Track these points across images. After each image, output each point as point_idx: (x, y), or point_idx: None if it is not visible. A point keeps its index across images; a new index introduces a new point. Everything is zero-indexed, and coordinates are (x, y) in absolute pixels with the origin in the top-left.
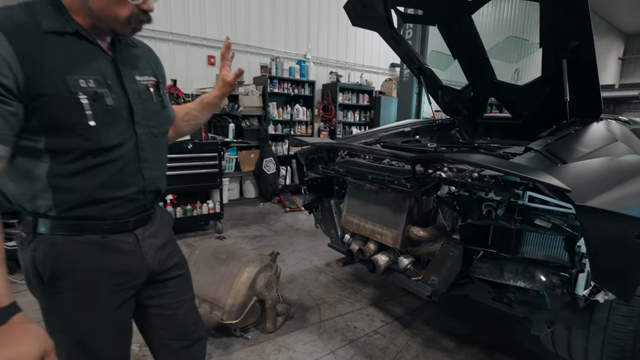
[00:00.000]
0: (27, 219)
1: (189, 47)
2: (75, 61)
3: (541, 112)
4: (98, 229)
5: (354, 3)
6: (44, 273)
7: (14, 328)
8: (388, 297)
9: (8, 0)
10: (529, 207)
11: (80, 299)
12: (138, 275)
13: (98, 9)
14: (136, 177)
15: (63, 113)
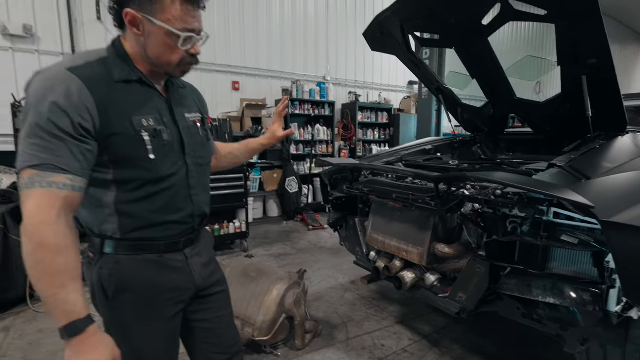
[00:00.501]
0: (95, 241)
1: (215, 74)
2: (138, 104)
3: (564, 128)
4: (155, 249)
5: (373, 30)
6: (108, 289)
7: (89, 338)
8: (414, 315)
9: (89, 56)
10: (555, 223)
11: (139, 312)
12: (187, 290)
13: (154, 57)
14: (186, 202)
15: (129, 149)
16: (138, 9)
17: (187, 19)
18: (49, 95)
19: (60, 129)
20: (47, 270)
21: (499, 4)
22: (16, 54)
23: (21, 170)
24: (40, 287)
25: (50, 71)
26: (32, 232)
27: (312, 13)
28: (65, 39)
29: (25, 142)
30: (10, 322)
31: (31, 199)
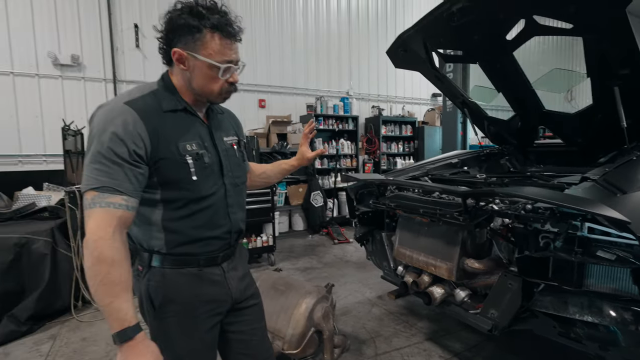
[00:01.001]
0: (144, 255)
1: (242, 94)
2: (183, 130)
3: (598, 139)
4: (196, 263)
5: (396, 48)
6: (155, 300)
7: (138, 344)
8: (444, 332)
9: (143, 89)
10: (590, 238)
11: (181, 322)
12: (224, 303)
13: (198, 88)
14: (225, 219)
15: (175, 171)
16: (184, 48)
17: (225, 51)
18: (109, 127)
19: (119, 155)
20: (103, 281)
21: (523, 19)
22: (65, 81)
23: (84, 192)
24: (97, 296)
25: (110, 105)
26: (92, 246)
27: (335, 30)
28: (108, 66)
29: (89, 168)
30: (57, 330)
31: (92, 218)
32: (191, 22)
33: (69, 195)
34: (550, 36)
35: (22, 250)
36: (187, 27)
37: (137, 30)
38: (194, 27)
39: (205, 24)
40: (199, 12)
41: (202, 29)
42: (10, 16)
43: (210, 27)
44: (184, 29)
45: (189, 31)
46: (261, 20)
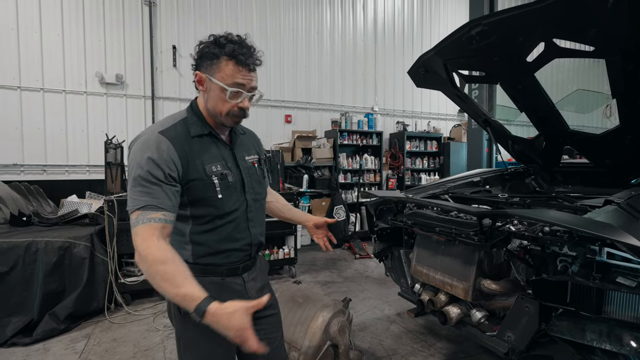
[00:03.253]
0: None
1: (270, 109)
2: (209, 153)
3: (627, 160)
4: (219, 273)
5: (417, 69)
6: None
7: (219, 312)
8: (464, 354)
9: (175, 118)
10: (609, 264)
11: (204, 329)
12: None
13: (211, 108)
14: (246, 233)
15: (202, 191)
16: (204, 71)
17: (237, 76)
18: (147, 154)
19: (157, 177)
20: (163, 278)
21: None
22: (109, 98)
23: (131, 213)
24: (165, 293)
25: (147, 135)
26: (144, 256)
27: (361, 47)
28: (147, 84)
29: (132, 191)
30: (91, 330)
31: (139, 235)
32: (213, 50)
33: (108, 203)
34: (582, 58)
35: (65, 253)
36: (209, 54)
37: (174, 51)
38: (214, 54)
39: (223, 52)
40: (220, 42)
41: (220, 56)
42: (65, 39)
43: (226, 54)
44: (207, 56)
45: (209, 57)
46: (289, 38)
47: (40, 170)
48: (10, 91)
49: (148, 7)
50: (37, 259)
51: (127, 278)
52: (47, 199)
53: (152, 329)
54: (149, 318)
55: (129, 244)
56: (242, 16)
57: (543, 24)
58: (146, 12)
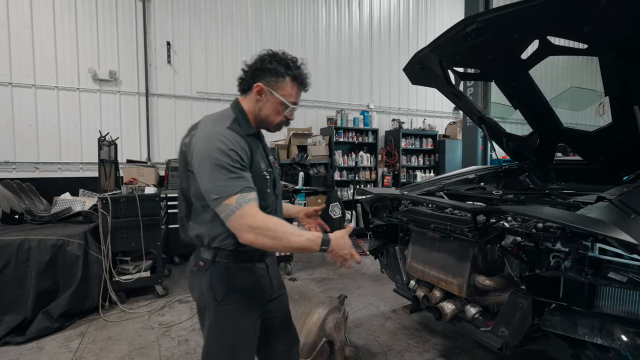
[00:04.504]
0: (207, 253)
1: None
2: (256, 151)
3: (620, 157)
4: (251, 259)
5: (412, 66)
6: (217, 290)
7: (337, 238)
8: (458, 350)
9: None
10: (601, 259)
11: (240, 309)
12: (268, 293)
13: (264, 116)
14: None
15: (258, 184)
16: (266, 84)
17: (295, 96)
18: (228, 145)
19: (241, 164)
20: (288, 232)
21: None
22: (102, 95)
23: (227, 198)
24: (292, 243)
25: (218, 130)
26: (265, 226)
27: (357, 44)
28: (141, 81)
29: (220, 179)
30: (85, 328)
31: (249, 215)
32: (278, 68)
33: (102, 201)
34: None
35: (58, 251)
36: (274, 71)
37: (169, 47)
38: (280, 73)
39: (289, 73)
40: (287, 63)
41: (286, 76)
42: (57, 35)
43: (292, 76)
44: (271, 71)
45: (274, 74)
46: (285, 35)
47: (32, 167)
48: (1, 87)
49: (142, 3)
50: (29, 257)
51: (122, 276)
52: (40, 196)
53: (147, 327)
54: (144, 316)
55: (123, 242)
56: (238, 12)
57: (538, 22)
58: (140, 7)
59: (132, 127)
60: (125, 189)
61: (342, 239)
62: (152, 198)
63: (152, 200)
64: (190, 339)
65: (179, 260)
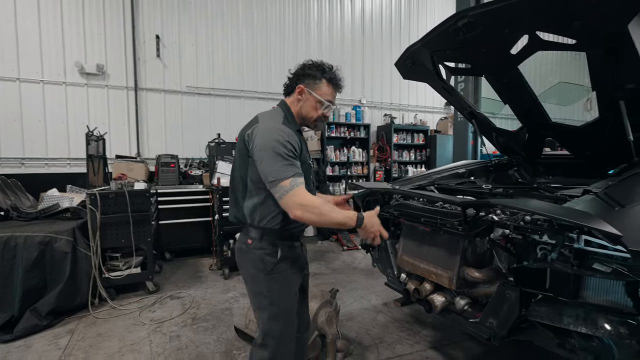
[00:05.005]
0: (255, 232)
1: (257, 101)
2: (302, 144)
3: (606, 151)
4: (293, 238)
5: (404, 61)
6: (267, 263)
7: (369, 217)
8: (449, 341)
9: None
10: (586, 251)
11: (286, 279)
12: (303, 268)
13: (304, 114)
14: None
15: (306, 172)
16: (306, 85)
17: (331, 96)
18: (285, 138)
19: (294, 155)
20: (328, 214)
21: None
22: (90, 89)
23: (282, 180)
24: (334, 223)
25: (275, 125)
26: (312, 204)
27: (349, 39)
28: (130, 75)
29: (278, 164)
30: (74, 325)
31: (299, 195)
32: (316, 73)
33: (90, 197)
34: (564, 51)
35: (45, 248)
36: (313, 75)
37: (158, 40)
38: (317, 76)
39: (325, 76)
40: (323, 67)
41: (322, 78)
42: (42, 28)
43: (327, 79)
44: (310, 75)
45: (313, 77)
46: (276, 30)
47: (18, 163)
48: None
49: None
50: (16, 254)
51: (112, 272)
52: (26, 193)
53: (138, 323)
54: (134, 312)
55: (113, 238)
56: (228, 6)
57: (528, 16)
58: (127, 0)
59: (121, 122)
60: (115, 184)
61: (373, 218)
62: (142, 194)
63: (142, 196)
64: (182, 335)
65: (170, 257)
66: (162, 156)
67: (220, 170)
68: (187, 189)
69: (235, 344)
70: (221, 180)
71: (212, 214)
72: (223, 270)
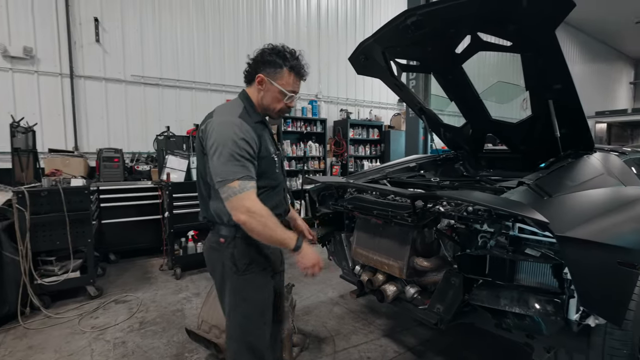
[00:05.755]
0: (228, 230)
1: (210, 93)
2: (265, 136)
3: (538, 146)
4: None
5: (357, 56)
6: (239, 262)
7: (306, 248)
8: (401, 328)
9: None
10: (520, 237)
11: (259, 276)
12: (278, 264)
13: (266, 104)
14: (284, 201)
15: (267, 166)
16: (266, 75)
17: (293, 85)
18: (239, 134)
19: (249, 154)
20: (272, 227)
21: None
22: (15, 74)
23: (232, 181)
24: (274, 239)
25: (229, 119)
26: (258, 211)
27: (305, 33)
28: (64, 61)
29: (228, 164)
30: (1, 338)
31: (248, 198)
32: (277, 60)
33: (18, 195)
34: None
35: None
36: (273, 62)
37: (97, 24)
38: (278, 64)
39: (287, 64)
40: (284, 54)
41: (283, 67)
42: None
43: (289, 67)
44: (270, 63)
45: (273, 65)
46: (229, 20)
47: None
48: None
49: None
50: None
51: (45, 278)
52: None
53: (77, 331)
54: (73, 320)
55: (46, 241)
56: None
57: (469, 18)
58: None
59: (55, 113)
60: (47, 181)
61: (311, 251)
62: (80, 191)
63: (80, 193)
64: (128, 341)
65: (116, 258)
66: (104, 150)
67: (170, 165)
68: (134, 186)
69: (187, 346)
70: (171, 175)
71: (162, 211)
72: (175, 270)
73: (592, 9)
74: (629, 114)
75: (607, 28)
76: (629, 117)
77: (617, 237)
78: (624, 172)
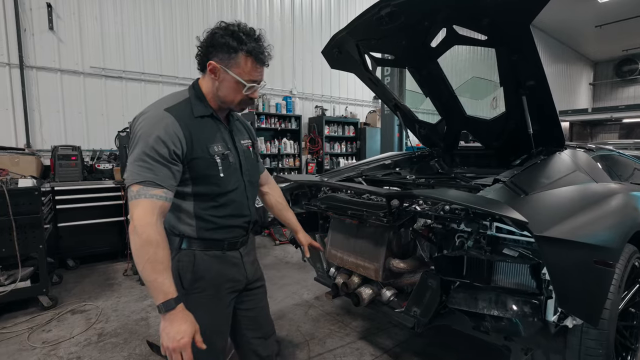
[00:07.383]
0: (174, 240)
1: (178, 88)
2: (211, 133)
3: (510, 143)
4: (220, 247)
5: (331, 49)
6: (184, 277)
7: (179, 313)
8: (377, 330)
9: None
10: (498, 237)
11: (208, 296)
12: (241, 282)
13: (223, 97)
14: (247, 210)
15: (206, 169)
16: (219, 62)
17: (253, 73)
18: (154, 130)
19: (161, 155)
20: (150, 260)
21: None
22: None
23: (130, 185)
24: (144, 274)
25: (152, 111)
26: (140, 230)
27: (279, 27)
28: (13, 50)
29: (134, 165)
30: None
31: (139, 207)
32: (230, 43)
33: None
34: (469, 50)
35: None
36: (226, 46)
37: (50, 10)
38: (232, 48)
39: (242, 48)
40: (239, 36)
41: (239, 51)
42: None
43: (245, 51)
44: (223, 47)
45: (227, 50)
46: (198, 10)
47: None
48: None
49: None
50: None
51: None
52: None
53: (26, 347)
54: (22, 335)
55: None
56: None
57: (445, 10)
58: None
59: (2, 107)
60: None
61: (179, 325)
62: (30, 192)
63: (30, 194)
64: (84, 356)
65: (74, 264)
66: (59, 147)
67: None
68: (94, 186)
69: (151, 359)
70: None
71: (125, 212)
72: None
73: (555, 11)
74: (589, 113)
75: (569, 31)
76: (589, 116)
77: (593, 235)
78: (593, 168)
